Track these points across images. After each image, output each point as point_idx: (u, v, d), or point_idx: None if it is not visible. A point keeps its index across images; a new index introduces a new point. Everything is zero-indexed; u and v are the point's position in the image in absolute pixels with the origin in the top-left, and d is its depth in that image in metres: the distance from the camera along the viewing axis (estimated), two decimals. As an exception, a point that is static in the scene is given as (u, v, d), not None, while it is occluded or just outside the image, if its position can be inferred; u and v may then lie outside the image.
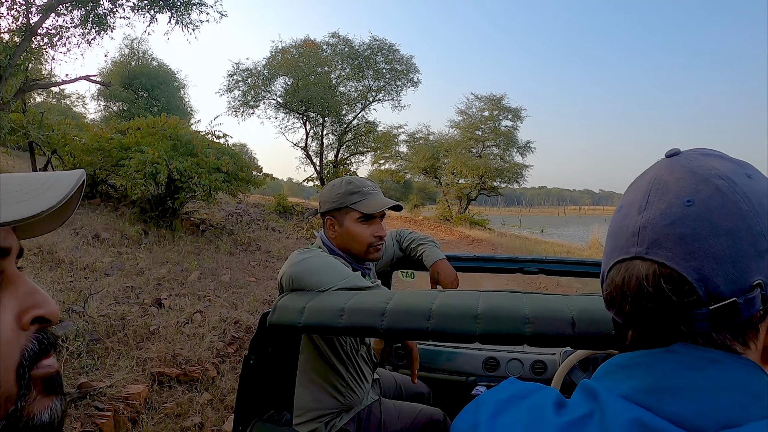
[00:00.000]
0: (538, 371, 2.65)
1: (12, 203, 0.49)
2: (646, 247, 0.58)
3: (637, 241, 0.59)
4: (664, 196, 0.59)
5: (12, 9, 10.42)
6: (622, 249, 0.61)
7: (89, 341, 4.13)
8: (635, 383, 0.57)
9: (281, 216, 16.25)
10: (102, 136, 10.10)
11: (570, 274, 2.54)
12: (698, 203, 0.56)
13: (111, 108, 28.12)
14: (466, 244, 18.97)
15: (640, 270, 0.58)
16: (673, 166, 0.61)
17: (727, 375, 0.54)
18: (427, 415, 2.06)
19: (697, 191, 0.57)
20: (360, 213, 1.90)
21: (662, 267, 0.56)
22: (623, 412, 0.54)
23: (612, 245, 0.64)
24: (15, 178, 0.53)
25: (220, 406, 3.85)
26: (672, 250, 0.56)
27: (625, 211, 0.63)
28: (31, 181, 0.53)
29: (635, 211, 0.61)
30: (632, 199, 0.63)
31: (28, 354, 0.52)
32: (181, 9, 12.41)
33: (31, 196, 0.50)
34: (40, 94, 21.22)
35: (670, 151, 0.65)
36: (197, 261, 7.89)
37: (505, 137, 27.76)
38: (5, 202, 0.48)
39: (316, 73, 21.87)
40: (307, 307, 1.42)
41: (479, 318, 1.20)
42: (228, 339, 4.90)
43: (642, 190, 0.62)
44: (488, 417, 0.64)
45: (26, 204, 0.49)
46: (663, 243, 0.56)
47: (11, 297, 0.51)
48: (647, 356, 0.59)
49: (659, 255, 0.56)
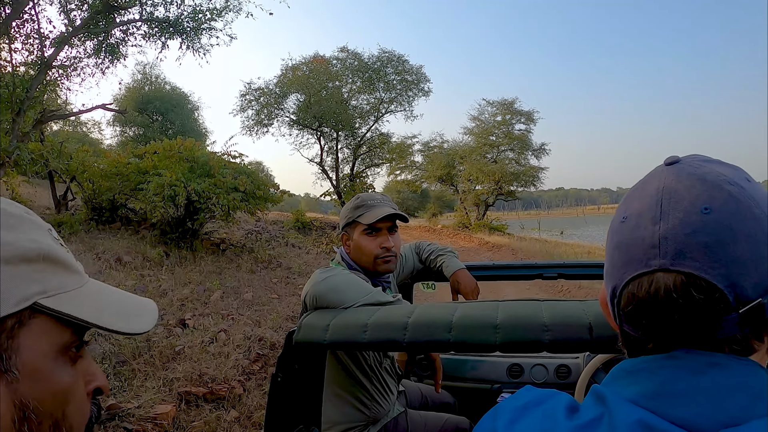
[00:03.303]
0: (562, 375, 2.65)
1: (127, 318, 0.67)
2: (671, 259, 0.57)
3: (659, 253, 0.58)
4: (678, 204, 0.58)
5: (27, 43, 10.63)
6: (641, 262, 0.59)
7: (116, 363, 4.20)
8: (639, 388, 0.59)
9: (300, 232, 16.31)
10: (119, 161, 10.26)
11: (589, 277, 2.54)
12: (716, 210, 0.56)
13: (127, 133, 28.50)
14: (486, 250, 18.87)
15: (668, 282, 0.57)
16: (679, 174, 0.61)
17: (728, 377, 0.55)
18: (453, 424, 2.08)
19: (712, 198, 0.57)
20: (364, 225, 1.95)
21: (690, 277, 0.55)
22: (629, 414, 0.56)
23: (625, 258, 0.62)
24: (116, 295, 0.70)
25: (247, 423, 3.88)
26: (699, 260, 0.55)
27: (634, 222, 0.62)
28: (127, 301, 0.71)
29: (648, 222, 0.60)
30: (640, 209, 0.62)
31: (93, 416, 0.69)
32: (191, 34, 12.56)
33: (136, 317, 0.68)
34: (56, 123, 21.53)
35: (670, 159, 0.65)
36: (219, 280, 7.95)
37: (520, 141, 27.61)
38: (123, 315, 0.67)
39: (327, 88, 22.01)
40: (331, 325, 1.45)
41: (499, 328, 1.22)
42: (253, 356, 4.94)
43: (650, 200, 0.61)
44: (506, 424, 0.66)
45: (135, 321, 0.67)
46: (688, 253, 0.56)
47: (83, 367, 0.64)
48: (650, 362, 0.61)
49: (686, 266, 0.56)
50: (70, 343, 0.61)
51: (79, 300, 0.61)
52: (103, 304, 0.65)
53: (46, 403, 0.57)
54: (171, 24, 12.27)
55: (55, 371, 0.58)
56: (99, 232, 9.90)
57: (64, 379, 0.59)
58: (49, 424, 0.58)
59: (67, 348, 0.60)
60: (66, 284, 0.61)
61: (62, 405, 0.59)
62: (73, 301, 0.60)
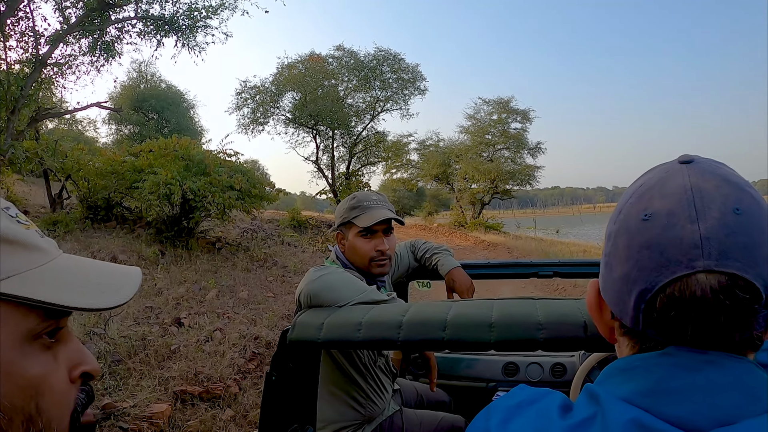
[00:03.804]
0: (557, 374, 2.65)
1: (96, 293, 0.61)
2: (716, 259, 0.55)
3: (702, 253, 0.56)
4: (712, 204, 0.57)
5: (21, 41, 10.60)
6: (680, 263, 0.56)
7: (111, 362, 4.19)
8: (634, 386, 0.59)
9: (296, 230, 16.28)
10: (115, 160, 10.24)
11: (585, 275, 2.54)
12: (745, 211, 0.57)
13: (122, 131, 28.46)
14: (481, 248, 18.89)
15: (713, 282, 0.55)
16: (703, 174, 0.60)
17: (723, 375, 0.56)
18: (448, 422, 2.08)
19: (740, 199, 0.57)
20: (359, 227, 1.94)
21: (733, 277, 0.55)
22: (622, 413, 0.56)
23: (660, 259, 0.58)
24: (92, 268, 0.65)
25: (243, 422, 3.87)
26: (740, 260, 0.55)
27: (664, 221, 0.59)
28: (105, 273, 0.66)
29: (685, 221, 0.57)
30: (669, 207, 0.59)
31: (80, 403, 0.62)
32: (187, 32, 12.55)
33: (110, 290, 0.63)
34: (51, 121, 21.49)
35: (684, 158, 0.64)
36: (215, 279, 7.95)
37: (515, 139, 27.67)
38: (91, 290, 0.61)
39: (323, 86, 22.00)
40: (325, 323, 1.45)
41: (494, 326, 1.22)
42: (248, 355, 4.93)
43: (680, 198, 0.59)
44: (499, 422, 0.66)
45: (106, 296, 0.62)
46: (730, 253, 0.55)
47: (65, 353, 0.61)
48: (644, 360, 0.60)
49: (729, 266, 0.55)
50: (41, 330, 0.56)
51: (38, 280, 0.56)
52: (69, 281, 0.59)
53: (14, 397, 0.54)
54: (166, 22, 12.28)
55: (21, 362, 0.54)
56: (94, 231, 9.88)
57: (33, 370, 0.55)
58: (21, 420, 0.54)
59: (36, 335, 0.56)
60: (21, 265, 0.55)
61: (34, 398, 0.55)
62: (29, 281, 0.55)
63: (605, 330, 0.71)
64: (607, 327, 0.70)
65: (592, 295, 0.71)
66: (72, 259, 0.64)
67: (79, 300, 0.58)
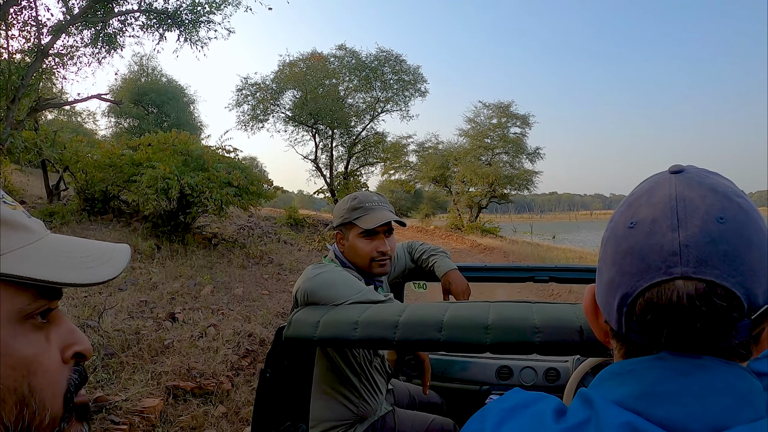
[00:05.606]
0: (551, 379, 2.65)
1: (82, 268, 0.61)
2: (693, 267, 0.56)
3: (680, 260, 0.57)
4: (695, 213, 0.59)
5: (23, 30, 10.58)
6: (659, 269, 0.58)
7: (104, 356, 4.18)
8: (627, 390, 0.60)
9: (293, 228, 16.28)
10: (113, 153, 10.21)
11: (581, 281, 2.55)
12: (729, 220, 0.58)
13: (122, 124, 28.34)
14: (478, 252, 18.91)
15: (689, 289, 0.57)
16: (690, 183, 0.62)
17: (714, 379, 0.56)
18: (438, 425, 2.08)
19: (724, 208, 0.58)
20: (361, 228, 1.94)
21: (711, 285, 0.56)
22: (615, 417, 0.56)
23: (640, 265, 0.60)
24: (78, 245, 0.65)
25: (235, 418, 3.87)
26: (719, 268, 0.56)
27: (647, 229, 0.61)
28: (92, 249, 0.66)
29: (666, 229, 0.59)
30: (654, 216, 0.61)
31: (73, 383, 0.63)
32: (190, 27, 12.52)
33: (96, 265, 0.63)
34: (51, 112, 21.44)
35: (675, 168, 0.65)
36: (210, 275, 7.94)
37: (514, 144, 27.74)
38: (77, 266, 0.61)
39: (324, 85, 21.94)
40: (321, 321, 1.45)
41: (489, 329, 1.22)
42: (242, 352, 4.92)
43: (663, 207, 0.61)
44: (493, 426, 0.66)
45: (93, 271, 0.62)
46: (709, 261, 0.56)
47: (57, 334, 0.61)
48: (638, 364, 0.61)
49: (707, 273, 0.56)
50: (32, 310, 0.57)
51: (26, 257, 0.56)
52: (56, 258, 0.59)
53: (7, 377, 0.54)
54: (169, 16, 12.24)
55: (12, 342, 0.54)
56: (91, 223, 9.86)
57: (25, 350, 0.56)
58: (14, 401, 0.54)
59: (28, 315, 0.56)
60: (8, 244, 0.55)
61: (26, 378, 0.56)
62: (16, 260, 0.55)
63: (600, 333, 0.72)
64: (602, 330, 0.71)
65: (589, 299, 0.72)
66: (59, 238, 0.64)
67: (67, 275, 0.58)
